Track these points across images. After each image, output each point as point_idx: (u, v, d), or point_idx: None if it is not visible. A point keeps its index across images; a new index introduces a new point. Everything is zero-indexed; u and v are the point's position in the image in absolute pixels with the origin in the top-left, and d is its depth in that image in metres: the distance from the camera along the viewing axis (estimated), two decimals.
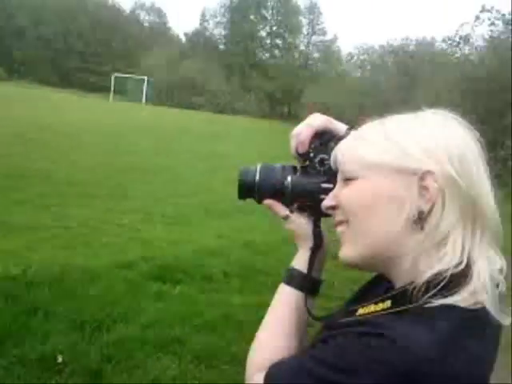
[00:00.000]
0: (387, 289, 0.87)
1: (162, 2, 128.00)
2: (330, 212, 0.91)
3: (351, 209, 0.85)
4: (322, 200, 0.92)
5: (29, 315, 3.75)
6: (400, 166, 0.80)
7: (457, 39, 20.22)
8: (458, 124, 0.84)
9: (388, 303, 0.79)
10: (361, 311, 0.82)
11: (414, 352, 0.69)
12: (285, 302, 1.00)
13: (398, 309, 0.76)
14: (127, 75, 47.48)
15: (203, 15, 61.36)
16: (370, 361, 0.71)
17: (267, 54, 60.66)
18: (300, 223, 1.03)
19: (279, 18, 59.67)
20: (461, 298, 0.74)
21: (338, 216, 0.88)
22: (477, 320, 0.76)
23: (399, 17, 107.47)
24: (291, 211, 1.02)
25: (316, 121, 1.00)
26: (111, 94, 44.94)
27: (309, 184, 0.99)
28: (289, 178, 1.00)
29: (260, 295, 4.77)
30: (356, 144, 0.87)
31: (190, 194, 9.31)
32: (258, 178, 1.02)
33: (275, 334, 0.97)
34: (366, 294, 0.98)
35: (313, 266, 1.00)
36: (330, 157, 0.94)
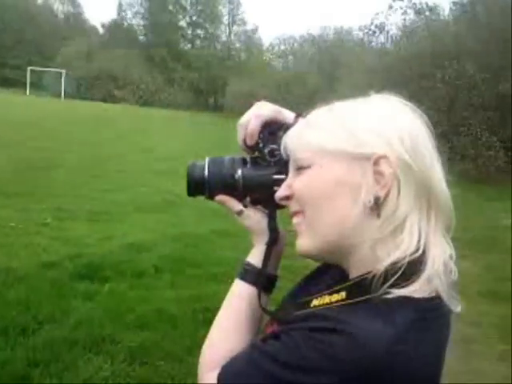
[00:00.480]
0: (340, 279, 0.85)
1: None
2: (284, 203, 0.88)
3: (305, 198, 0.82)
4: (275, 192, 0.89)
5: None
6: (353, 151, 0.78)
7: (372, 28, 20.83)
8: (408, 108, 0.83)
9: (343, 294, 0.77)
10: (315, 302, 0.80)
11: (373, 348, 0.68)
12: (238, 297, 0.96)
13: (355, 299, 0.75)
14: (43, 68, 45.43)
15: (120, 5, 59.75)
16: (327, 358, 0.69)
17: (189, 45, 60.04)
18: (255, 218, 0.99)
19: (199, 7, 59.15)
20: (417, 288, 0.73)
21: (293, 206, 0.86)
22: (432, 311, 0.75)
23: (317, 6, 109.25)
24: (245, 206, 0.99)
25: (264, 110, 0.97)
26: (28, 89, 42.82)
27: (260, 176, 0.96)
28: (239, 172, 0.96)
29: (192, 288, 4.75)
30: (306, 131, 0.84)
31: (116, 189, 9.04)
32: (206, 173, 0.98)
33: (227, 331, 0.93)
34: (313, 283, 0.96)
35: (268, 261, 0.97)
36: (280, 147, 0.91)
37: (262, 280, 0.96)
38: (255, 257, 0.98)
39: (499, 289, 4.87)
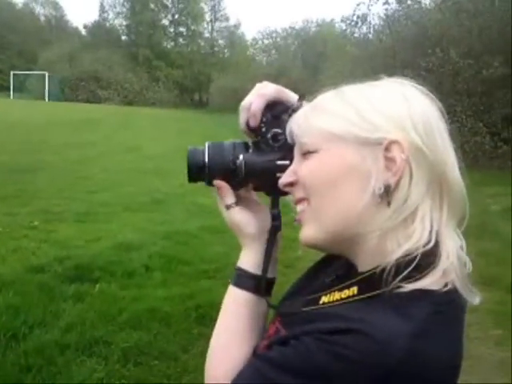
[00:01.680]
0: (347, 272, 0.81)
1: None
2: (287, 190, 0.83)
3: (312, 184, 0.77)
4: (279, 178, 0.84)
5: None
6: (363, 135, 0.73)
7: (354, 19, 20.86)
8: (419, 92, 0.78)
9: (354, 290, 0.72)
10: (324, 299, 0.76)
11: (392, 346, 0.63)
12: (235, 304, 0.90)
13: (368, 294, 0.70)
14: (26, 72, 44.99)
15: (102, 6, 59.34)
16: (343, 361, 0.64)
17: (172, 43, 59.82)
18: (242, 217, 0.93)
19: (180, 5, 58.94)
20: (431, 281, 0.69)
21: (298, 193, 0.81)
22: (449, 304, 0.72)
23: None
24: (237, 201, 0.93)
25: (267, 90, 0.91)
26: (11, 92, 42.35)
27: (263, 162, 0.90)
28: (241, 157, 0.91)
29: (184, 286, 4.71)
30: (314, 115, 0.79)
31: (103, 190, 8.94)
32: (207, 158, 0.92)
33: (229, 342, 0.87)
34: (316, 276, 0.92)
35: (268, 265, 0.91)
36: (284, 131, 0.87)
37: (259, 285, 0.90)
38: (247, 261, 0.92)
39: (493, 274, 4.88)
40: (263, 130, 0.91)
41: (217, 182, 0.93)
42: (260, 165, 0.90)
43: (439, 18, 16.13)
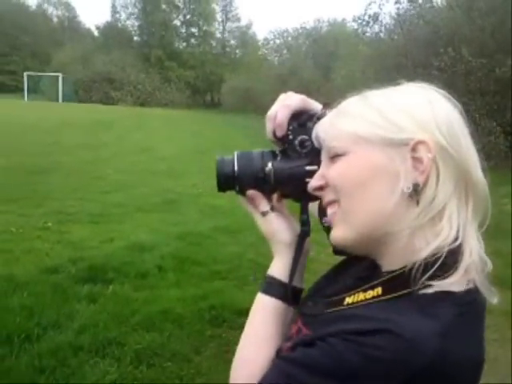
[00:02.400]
0: (371, 272, 0.82)
1: None
2: (317, 193, 0.85)
3: (342, 186, 0.79)
4: (307, 184, 0.86)
5: None
6: (390, 137, 0.76)
7: (366, 18, 20.75)
8: (441, 95, 0.80)
9: (379, 290, 0.73)
10: (348, 300, 0.77)
11: (422, 346, 0.64)
12: (263, 311, 0.92)
13: (393, 294, 0.72)
14: (40, 73, 45.39)
15: (114, 7, 59.69)
16: (373, 362, 0.65)
17: (184, 44, 60.01)
18: (277, 223, 0.95)
19: (192, 6, 59.14)
20: (455, 279, 0.71)
21: (328, 196, 0.83)
22: (471, 304, 0.73)
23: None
24: (272, 209, 0.95)
25: (292, 100, 0.93)
26: (25, 94, 42.76)
27: (292, 168, 0.92)
28: (269, 165, 0.92)
29: (197, 287, 4.71)
30: (340, 119, 0.82)
31: (116, 190, 8.97)
32: (236, 167, 0.94)
33: (257, 347, 0.88)
34: (339, 277, 0.92)
35: (295, 272, 0.92)
36: (310, 137, 0.89)
37: (288, 293, 0.92)
38: (277, 268, 0.94)
39: (509, 275, 4.82)
40: (290, 137, 0.93)
41: (250, 193, 0.95)
42: (289, 171, 0.92)
43: (451, 17, 16.00)
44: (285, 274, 0.92)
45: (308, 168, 0.90)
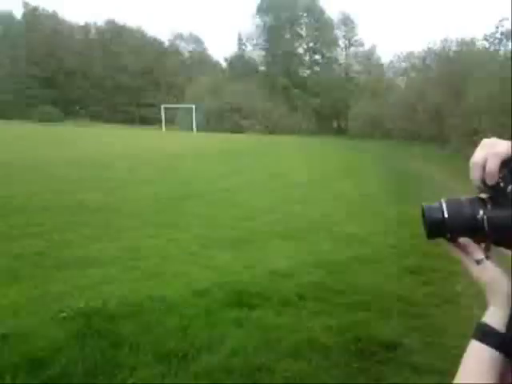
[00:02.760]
0: None
1: (198, 30, 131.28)
2: None
3: None
4: None
5: (115, 348, 3.79)
6: None
7: (498, 36, 19.64)
8: None
9: None
10: None
11: None
12: (477, 360, 0.89)
13: None
14: (176, 105, 48.77)
15: (240, 39, 62.44)
16: None
17: (308, 71, 60.92)
18: (495, 272, 0.93)
19: (314, 33, 60.06)
20: None
21: None
22: None
23: (434, 20, 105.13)
24: (487, 256, 0.95)
25: (501, 148, 0.92)
26: (163, 125, 46.18)
27: (505, 217, 0.91)
28: (481, 212, 0.92)
29: (340, 317, 4.66)
30: None
31: (252, 217, 9.28)
32: (446, 214, 0.95)
33: None
34: None
35: None
36: None
37: (506, 344, 0.88)
38: (494, 318, 0.91)
39: None
40: (501, 185, 0.91)
41: (463, 239, 0.94)
42: (503, 219, 0.91)
43: None
44: (502, 324, 0.89)
45: None
